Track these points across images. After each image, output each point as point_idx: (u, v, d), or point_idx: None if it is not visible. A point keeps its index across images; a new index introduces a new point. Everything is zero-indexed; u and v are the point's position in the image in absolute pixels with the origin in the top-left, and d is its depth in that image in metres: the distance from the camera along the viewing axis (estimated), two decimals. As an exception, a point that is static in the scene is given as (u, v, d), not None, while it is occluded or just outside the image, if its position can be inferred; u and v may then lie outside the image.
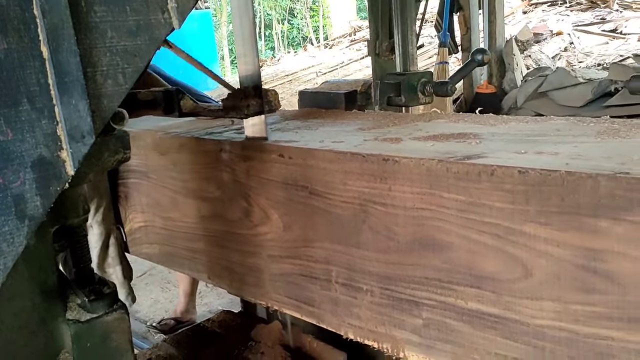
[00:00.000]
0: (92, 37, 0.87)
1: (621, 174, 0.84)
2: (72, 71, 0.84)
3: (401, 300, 1.16)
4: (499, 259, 0.99)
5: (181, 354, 1.86)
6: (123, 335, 1.10)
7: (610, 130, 1.15)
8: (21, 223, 0.84)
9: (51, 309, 1.05)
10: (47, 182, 0.85)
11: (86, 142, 0.86)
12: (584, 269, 0.89)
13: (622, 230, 0.84)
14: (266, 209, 1.38)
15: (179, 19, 0.92)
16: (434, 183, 1.05)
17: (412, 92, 1.71)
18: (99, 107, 0.88)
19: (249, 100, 1.34)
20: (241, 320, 1.99)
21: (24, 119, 0.82)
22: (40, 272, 1.03)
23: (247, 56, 1.35)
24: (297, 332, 1.79)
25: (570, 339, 0.94)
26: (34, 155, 0.83)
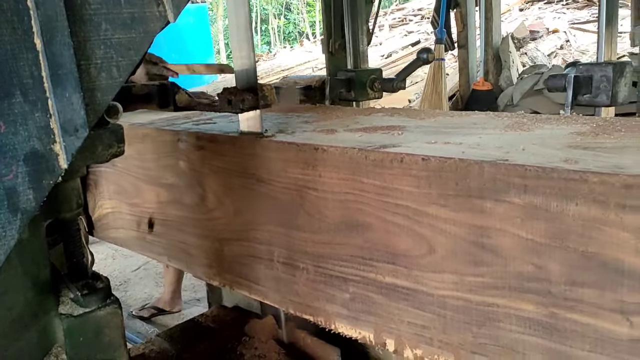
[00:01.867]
0: (86, 29, 0.86)
1: (501, 161, 0.94)
2: (65, 64, 0.83)
3: (332, 277, 1.26)
4: (409, 238, 1.09)
5: (174, 349, 1.87)
6: (116, 329, 1.10)
7: (518, 124, 1.26)
8: (13, 216, 0.83)
9: (44, 304, 1.05)
10: (40, 176, 0.85)
11: (80, 136, 0.86)
12: (474, 244, 1.00)
13: (503, 209, 0.95)
14: (219, 195, 1.47)
15: (175, 12, 0.92)
16: (355, 169, 1.15)
17: (362, 88, 1.81)
18: (93, 100, 0.88)
19: (244, 94, 1.36)
20: (235, 315, 2.01)
21: (17, 111, 0.82)
22: (33, 266, 1.03)
23: (243, 51, 1.36)
24: (291, 328, 1.83)
25: (465, 307, 1.04)
26: (26, 148, 0.83)
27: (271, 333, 1.87)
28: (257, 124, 1.39)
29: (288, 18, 19.87)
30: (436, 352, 1.13)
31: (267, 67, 12.08)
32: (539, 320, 0.97)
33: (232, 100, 1.36)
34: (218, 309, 2.10)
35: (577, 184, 0.87)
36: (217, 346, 1.87)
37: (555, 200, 0.90)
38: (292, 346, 1.84)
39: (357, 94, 1.84)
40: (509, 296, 0.99)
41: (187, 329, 2.02)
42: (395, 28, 10.99)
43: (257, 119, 1.39)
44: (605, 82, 1.47)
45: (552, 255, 0.93)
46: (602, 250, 0.87)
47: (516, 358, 1.01)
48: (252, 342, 1.88)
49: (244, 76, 1.37)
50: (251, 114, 1.38)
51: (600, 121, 1.19)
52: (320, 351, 1.77)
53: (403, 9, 12.00)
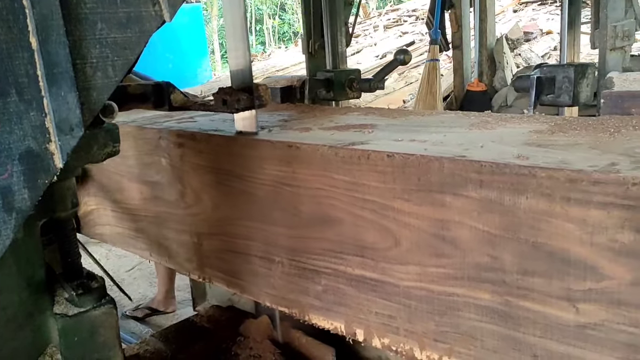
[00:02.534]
0: (82, 28, 0.86)
1: (459, 157, 1.00)
2: (61, 63, 0.83)
3: (305, 270, 1.32)
4: (376, 231, 1.15)
5: (169, 349, 1.89)
6: (111, 329, 1.11)
7: (482, 122, 1.32)
8: (8, 216, 0.83)
9: (39, 303, 1.05)
10: (35, 175, 0.85)
11: (75, 135, 0.86)
12: (435, 237, 1.06)
13: (461, 203, 1.01)
14: (198, 191, 1.53)
15: (170, 12, 0.92)
16: (326, 166, 1.20)
17: (341, 88, 1.87)
18: (88, 99, 0.88)
19: (240, 94, 1.36)
20: (230, 315, 2.03)
21: (12, 110, 0.81)
22: (28, 266, 1.03)
23: (238, 50, 1.37)
24: (286, 328, 1.84)
25: (428, 297, 1.11)
26: (21, 147, 0.83)
27: (266, 333, 1.89)
28: (253, 124, 1.40)
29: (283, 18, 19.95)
30: (402, 341, 1.19)
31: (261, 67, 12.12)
32: (494, 308, 1.03)
33: (227, 100, 1.37)
34: (213, 309, 2.11)
35: (526, 178, 0.93)
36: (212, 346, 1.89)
37: (508, 194, 0.96)
38: (287, 346, 1.85)
39: (336, 94, 1.91)
40: (468, 286, 1.05)
41: (181, 329, 2.03)
42: (390, 29, 11.05)
43: (253, 118, 1.40)
44: (567, 83, 1.54)
45: (506, 247, 0.99)
46: (549, 241, 0.93)
47: (474, 344, 1.07)
48: (247, 342, 1.89)
49: (240, 76, 1.38)
50: (246, 113, 1.39)
51: (559, 120, 1.25)
52: (315, 351, 1.78)
53: (398, 9, 12.07)
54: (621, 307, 0.88)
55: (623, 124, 1.12)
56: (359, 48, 11.12)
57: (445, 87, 8.65)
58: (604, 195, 0.86)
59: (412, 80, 9.75)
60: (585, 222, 0.89)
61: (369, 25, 11.53)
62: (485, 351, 1.06)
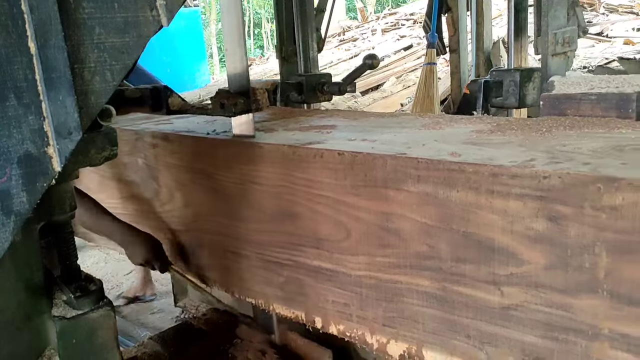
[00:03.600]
0: (80, 33, 0.88)
1: (400, 155, 1.11)
2: (59, 67, 0.85)
3: (270, 262, 1.43)
4: (331, 224, 1.25)
5: (167, 351, 1.91)
6: (109, 332, 1.12)
7: (433, 123, 1.43)
8: (7, 219, 0.85)
9: (37, 306, 1.06)
10: (34, 178, 0.86)
11: (73, 139, 0.87)
12: (381, 228, 1.16)
13: (402, 197, 1.12)
14: (171, 189, 1.64)
15: (168, 17, 0.94)
16: (286, 164, 1.31)
17: (312, 91, 1.98)
18: (86, 103, 0.89)
19: (237, 98, 1.39)
20: (227, 318, 2.06)
21: (10, 114, 0.83)
22: (26, 268, 1.04)
23: (236, 55, 1.40)
24: (283, 330, 1.88)
25: (376, 285, 1.21)
26: (20, 151, 0.84)
27: (263, 335, 1.92)
28: (250, 127, 1.44)
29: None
30: (355, 327, 1.29)
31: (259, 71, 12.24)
32: (433, 294, 1.13)
33: (224, 103, 1.40)
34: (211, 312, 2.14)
35: (456, 173, 1.04)
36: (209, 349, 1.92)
37: (442, 188, 1.07)
38: (284, 348, 1.89)
39: (307, 97, 2.02)
40: (410, 273, 1.16)
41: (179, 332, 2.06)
42: (388, 32, 11.16)
43: (250, 122, 1.44)
44: (514, 87, 1.65)
45: (441, 236, 1.09)
46: (477, 230, 1.04)
47: (417, 327, 1.18)
48: (244, 345, 1.92)
49: (237, 80, 1.41)
50: (244, 117, 1.43)
51: (502, 121, 1.36)
52: (313, 353, 1.82)
53: (395, 13, 12.19)
54: (538, 289, 0.98)
55: (556, 124, 1.23)
56: (357, 52, 11.22)
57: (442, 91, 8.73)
58: (521, 188, 0.96)
59: (409, 84, 9.83)
60: (506, 212, 0.99)
61: (366, 29, 11.65)
62: (427, 333, 1.17)
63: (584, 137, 1.12)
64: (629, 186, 0.85)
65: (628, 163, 0.93)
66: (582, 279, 0.93)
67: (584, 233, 0.91)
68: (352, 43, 11.59)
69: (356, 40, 11.59)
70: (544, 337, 1.00)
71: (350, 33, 12.01)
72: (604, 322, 0.92)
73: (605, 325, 0.92)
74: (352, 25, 12.62)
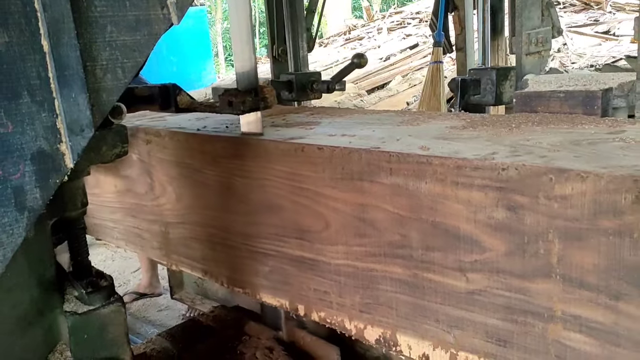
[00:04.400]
0: (92, 31, 0.90)
1: (374, 149, 1.18)
2: (72, 65, 0.87)
3: (256, 253, 1.50)
4: (312, 216, 1.33)
5: (175, 348, 1.94)
6: (119, 327, 1.14)
7: (412, 119, 1.51)
8: (20, 215, 0.86)
9: (49, 301, 1.08)
10: (47, 175, 0.88)
11: (85, 136, 0.90)
12: (358, 219, 1.24)
13: (376, 189, 1.19)
14: (164, 184, 1.72)
15: (178, 15, 0.95)
16: (269, 158, 1.39)
17: (302, 89, 2.05)
18: (98, 101, 0.91)
19: (245, 96, 1.41)
20: (235, 315, 2.10)
21: (24, 111, 0.84)
22: (39, 264, 1.06)
23: (244, 53, 1.41)
24: (291, 327, 1.91)
25: (354, 273, 1.29)
26: (33, 147, 0.86)
27: (271, 332, 1.95)
28: (258, 125, 1.46)
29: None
30: (335, 314, 1.37)
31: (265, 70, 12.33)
32: (405, 280, 1.21)
33: (233, 101, 1.43)
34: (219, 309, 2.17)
35: (425, 166, 1.12)
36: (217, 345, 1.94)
37: (412, 180, 1.14)
38: (292, 345, 1.91)
39: (297, 95, 2.10)
40: (384, 262, 1.24)
41: (187, 329, 2.08)
42: (394, 31, 11.23)
43: (258, 120, 1.46)
44: (490, 85, 1.72)
45: (412, 226, 1.17)
46: (444, 219, 1.11)
47: (391, 313, 1.25)
48: (252, 342, 1.94)
49: (245, 78, 1.43)
50: (252, 115, 1.45)
51: (477, 117, 1.43)
52: (320, 350, 1.84)
53: (401, 12, 12.26)
54: (499, 274, 1.06)
55: (525, 121, 1.30)
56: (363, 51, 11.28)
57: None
58: (482, 179, 1.04)
59: (415, 83, 9.89)
60: (469, 202, 1.07)
61: (372, 28, 11.72)
62: (400, 318, 1.24)
63: (548, 133, 1.19)
64: (577, 177, 0.92)
65: (581, 156, 1.00)
66: (538, 264, 1.00)
67: (538, 221, 0.98)
68: (358, 42, 11.66)
69: (362, 39, 11.66)
70: (505, 320, 1.07)
71: (356, 32, 12.08)
72: (558, 304, 0.99)
73: (558, 307, 0.99)
74: (358, 24, 12.69)
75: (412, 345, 1.23)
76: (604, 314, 0.94)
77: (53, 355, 1.09)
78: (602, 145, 1.07)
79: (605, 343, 0.95)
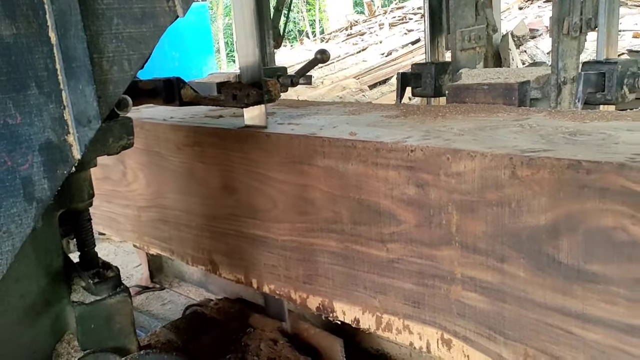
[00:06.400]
0: (99, 23, 0.92)
1: (311, 135, 1.36)
2: (79, 57, 0.89)
3: (216, 233, 1.68)
4: (262, 197, 1.51)
5: (180, 340, 1.99)
6: (126, 317, 1.18)
7: (357, 110, 1.69)
8: (29, 205, 0.88)
9: (56, 291, 1.11)
10: (55, 166, 0.90)
11: (92, 127, 0.92)
12: (300, 198, 1.42)
13: (313, 171, 1.37)
14: (135, 171, 1.91)
15: (184, 8, 0.98)
16: (225, 144, 1.56)
17: None
18: (105, 92, 0.94)
19: (249, 89, 1.45)
20: (239, 307, 2.17)
21: (32, 103, 0.86)
22: (47, 255, 1.09)
23: (248, 47, 1.46)
24: (295, 319, 1.98)
25: (298, 247, 1.46)
26: (41, 138, 0.88)
27: (275, 324, 2.01)
28: (262, 118, 1.51)
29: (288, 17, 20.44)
30: (283, 286, 1.55)
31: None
32: (339, 253, 1.39)
33: (237, 95, 1.47)
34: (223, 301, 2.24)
35: (350, 149, 1.29)
36: (222, 337, 1.99)
37: (341, 162, 1.32)
38: (296, 337, 1.96)
39: (264, 89, 2.27)
40: (321, 237, 1.41)
41: (192, 321, 2.14)
42: (395, 26, 11.38)
43: (262, 113, 1.51)
44: (430, 78, 1.89)
45: (343, 203, 1.34)
46: (368, 197, 1.29)
47: (328, 283, 1.43)
48: (256, 333, 1.99)
49: (249, 72, 1.48)
50: (256, 108, 1.50)
51: (413, 108, 1.60)
52: (324, 342, 1.89)
53: (403, 7, 12.42)
54: (412, 244, 1.23)
55: (451, 110, 1.47)
56: (365, 46, 11.44)
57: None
58: (396, 160, 1.21)
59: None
60: (387, 180, 1.24)
61: (374, 24, 11.88)
62: (336, 287, 1.42)
63: (465, 120, 1.37)
64: (468, 156, 1.10)
65: (478, 139, 1.18)
66: (441, 233, 1.18)
67: (440, 196, 1.16)
68: (360, 37, 11.81)
69: (363, 35, 11.81)
70: (418, 284, 1.25)
71: (357, 27, 12.23)
72: (458, 268, 1.17)
73: (458, 271, 1.17)
74: (360, 20, 12.84)
75: (346, 311, 1.41)
76: (492, 275, 1.12)
77: (60, 345, 1.14)
78: (501, 130, 1.24)
79: (495, 300, 1.13)
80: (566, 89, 1.50)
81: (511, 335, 1.12)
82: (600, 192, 0.94)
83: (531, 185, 1.02)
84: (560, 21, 1.51)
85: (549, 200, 1.01)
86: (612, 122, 1.22)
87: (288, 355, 1.84)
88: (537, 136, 1.16)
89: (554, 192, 1.00)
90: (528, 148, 1.07)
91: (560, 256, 1.01)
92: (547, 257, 1.03)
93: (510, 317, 1.11)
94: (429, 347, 1.27)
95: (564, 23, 1.52)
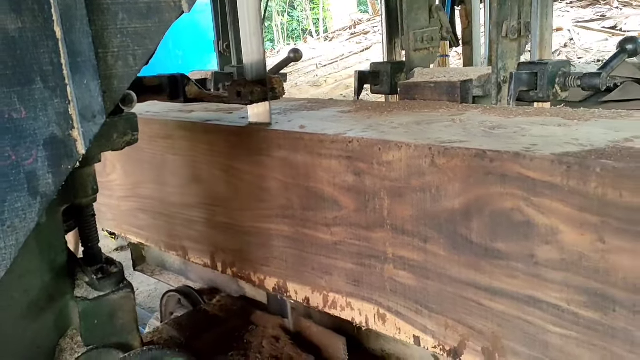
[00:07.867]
0: (104, 18, 0.93)
1: (269, 129, 1.50)
2: (84, 52, 0.90)
3: (186, 220, 1.84)
4: (226, 186, 1.66)
5: (182, 336, 2.03)
6: (129, 313, 1.19)
7: (316, 106, 1.87)
8: (33, 200, 0.89)
9: (60, 287, 1.12)
10: (59, 161, 0.91)
11: (97, 122, 0.93)
12: (259, 188, 1.57)
13: (271, 162, 1.52)
14: (114, 162, 2.07)
15: (189, 3, 0.99)
16: (193, 137, 1.72)
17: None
18: (110, 87, 0.95)
19: (254, 86, 1.49)
20: (242, 304, 2.22)
21: (37, 97, 0.87)
22: (50, 250, 1.10)
23: (253, 44, 1.49)
24: (297, 317, 2.01)
25: (257, 233, 1.62)
26: (46, 133, 0.89)
27: (278, 322, 2.04)
28: (267, 115, 1.57)
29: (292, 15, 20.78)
30: (245, 269, 1.71)
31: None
32: (291, 237, 1.54)
33: (241, 92, 1.51)
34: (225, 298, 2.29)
35: (299, 141, 1.45)
36: (224, 334, 2.01)
37: (292, 153, 1.48)
38: (298, 335, 1.99)
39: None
40: (277, 222, 1.57)
41: (194, 318, 2.18)
42: (399, 25, 11.57)
43: (266, 110, 1.57)
44: (386, 77, 2.03)
45: (294, 191, 1.50)
46: (315, 184, 1.44)
47: (283, 265, 1.59)
48: (258, 331, 2.03)
49: (253, 69, 1.53)
50: (260, 106, 1.55)
51: (367, 104, 1.76)
52: (326, 340, 1.90)
53: (407, 5, 12.61)
54: (352, 227, 1.39)
55: (399, 107, 1.63)
56: (368, 45, 11.60)
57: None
58: (337, 150, 1.37)
59: (418, 79, 10.10)
60: (330, 169, 1.40)
61: (378, 22, 12.05)
62: (290, 269, 1.57)
63: (407, 116, 1.52)
64: (396, 146, 1.25)
65: (409, 132, 1.33)
66: (376, 217, 1.33)
67: (374, 183, 1.31)
68: (364, 36, 11.97)
69: (367, 34, 11.97)
70: (357, 264, 1.40)
71: (361, 26, 12.39)
72: (389, 249, 1.32)
73: (390, 251, 1.32)
74: (363, 19, 13.00)
75: (298, 290, 1.57)
76: (418, 254, 1.27)
77: (64, 340, 1.15)
78: (435, 124, 1.39)
79: (420, 277, 1.28)
80: (506, 88, 1.65)
81: (434, 309, 1.27)
82: (501, 178, 1.09)
83: (447, 172, 1.18)
84: (500, 24, 1.66)
85: (461, 185, 1.16)
86: (533, 118, 1.37)
87: (290, 353, 1.89)
88: (461, 129, 1.31)
89: (465, 179, 1.15)
90: (448, 139, 1.22)
91: (472, 236, 1.17)
92: (461, 237, 1.18)
93: (433, 292, 1.26)
94: (368, 322, 1.42)
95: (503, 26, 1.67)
